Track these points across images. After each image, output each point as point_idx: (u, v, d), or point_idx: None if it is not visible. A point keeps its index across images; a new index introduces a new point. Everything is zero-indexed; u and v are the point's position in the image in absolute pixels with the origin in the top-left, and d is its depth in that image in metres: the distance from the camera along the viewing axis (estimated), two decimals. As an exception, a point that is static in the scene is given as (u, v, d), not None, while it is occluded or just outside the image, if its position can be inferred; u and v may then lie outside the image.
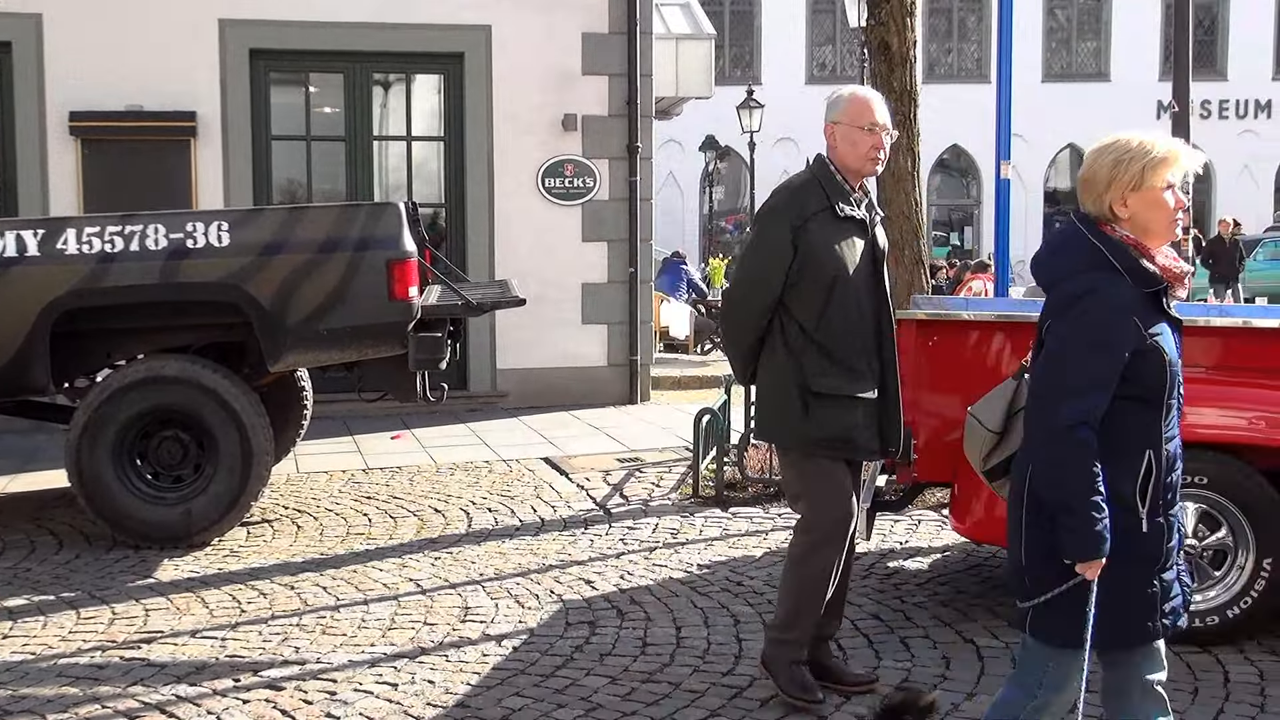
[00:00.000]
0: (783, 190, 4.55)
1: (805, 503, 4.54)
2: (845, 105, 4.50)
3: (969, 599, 5.84)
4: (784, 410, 4.44)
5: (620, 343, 11.96)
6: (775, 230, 4.42)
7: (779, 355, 4.45)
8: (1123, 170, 3.11)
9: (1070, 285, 3.11)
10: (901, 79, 8.70)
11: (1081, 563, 3.03)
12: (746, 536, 7.04)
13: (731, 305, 4.61)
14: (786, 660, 4.56)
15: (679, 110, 17.76)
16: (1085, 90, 35.02)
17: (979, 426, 3.44)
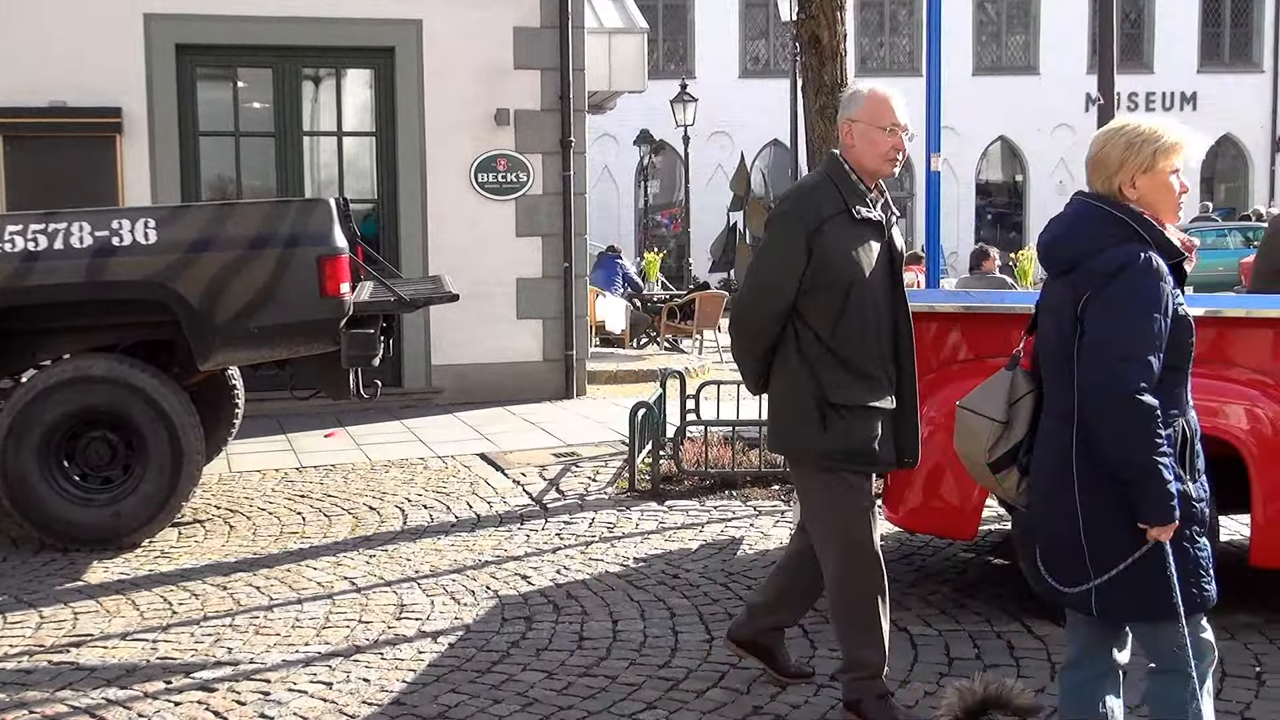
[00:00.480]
0: (795, 192, 4.31)
1: (826, 523, 4.28)
2: (864, 103, 4.23)
3: (903, 588, 5.89)
4: (801, 423, 4.21)
5: (555, 338, 11.95)
6: (789, 234, 4.19)
7: (793, 364, 4.23)
8: (1134, 153, 3.25)
9: (1107, 259, 3.17)
10: (832, 72, 8.76)
11: (1160, 526, 3.09)
12: (682, 530, 7.06)
13: (742, 313, 4.34)
14: (873, 696, 4.29)
15: (612, 104, 17.74)
16: (1015, 83, 35.37)
17: (979, 419, 3.47)
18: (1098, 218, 3.26)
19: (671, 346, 17.69)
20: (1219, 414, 5.17)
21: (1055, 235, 3.35)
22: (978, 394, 3.53)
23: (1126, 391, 3.07)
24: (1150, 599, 3.18)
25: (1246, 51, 37.54)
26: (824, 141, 8.78)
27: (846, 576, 4.29)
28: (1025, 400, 3.45)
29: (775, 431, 4.38)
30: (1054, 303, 3.33)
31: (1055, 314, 3.32)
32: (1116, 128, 3.31)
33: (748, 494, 7.82)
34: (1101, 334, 3.14)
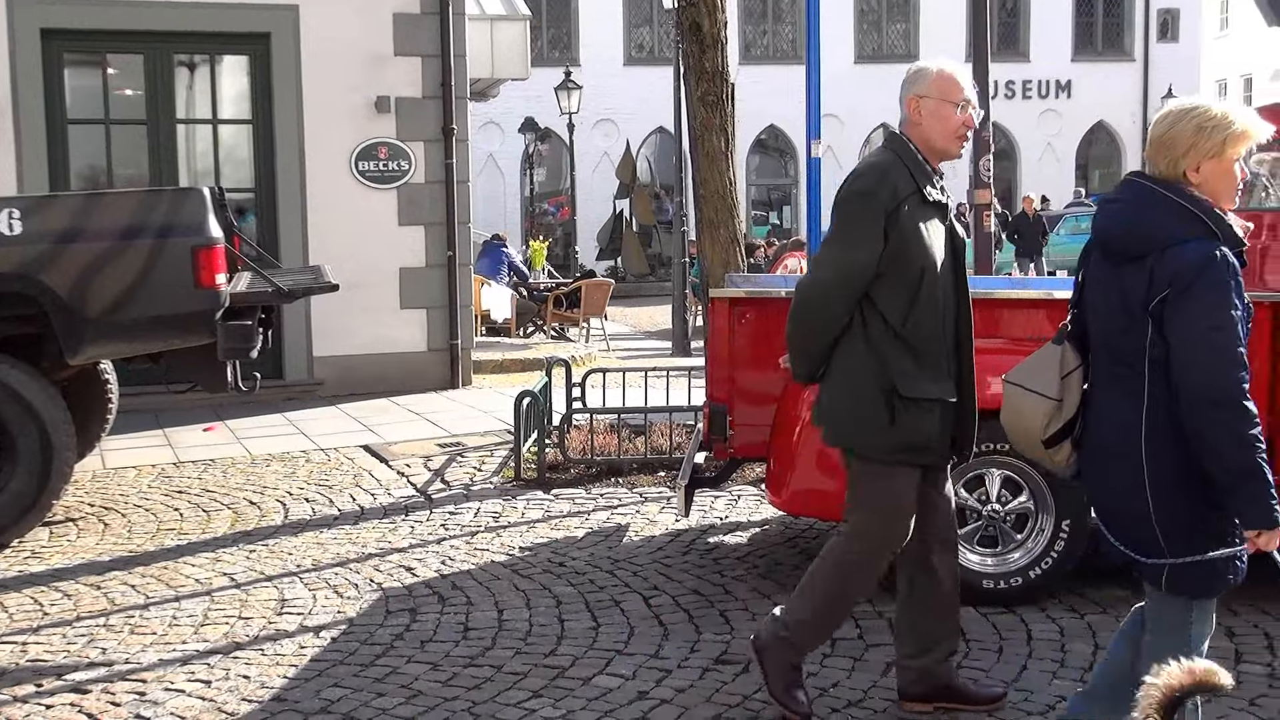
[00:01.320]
0: (871, 171, 4.01)
1: (873, 514, 4.11)
2: (934, 79, 4.05)
3: (787, 570, 5.95)
4: (867, 416, 4.00)
5: (440, 327, 11.84)
6: (867, 216, 3.93)
7: (860, 354, 4.00)
8: (1205, 137, 3.21)
9: (1185, 257, 3.13)
10: (714, 60, 8.81)
11: (1268, 531, 3.08)
12: (569, 517, 7.05)
13: (813, 299, 4.04)
14: (787, 663, 4.22)
15: (495, 92, 17.62)
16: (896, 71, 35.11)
17: (1033, 395, 3.45)
18: (1165, 207, 3.22)
19: (558, 335, 17.65)
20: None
21: (1122, 224, 3.31)
22: (1027, 370, 3.52)
23: (1229, 396, 3.07)
24: (1206, 581, 3.27)
25: (1118, 41, 38.56)
26: (705, 129, 8.83)
27: (857, 570, 4.15)
28: (1075, 374, 3.45)
29: (836, 424, 4.12)
30: (1112, 286, 3.31)
31: (1114, 297, 3.30)
32: (1187, 109, 3.26)
33: (634, 481, 7.83)
34: (1195, 335, 3.11)
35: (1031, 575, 5.34)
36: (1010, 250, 24.70)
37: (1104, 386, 3.37)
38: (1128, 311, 3.25)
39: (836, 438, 4.17)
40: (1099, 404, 3.38)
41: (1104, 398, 3.37)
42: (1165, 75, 37.30)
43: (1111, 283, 3.31)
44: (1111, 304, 3.30)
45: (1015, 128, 37.54)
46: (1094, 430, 3.40)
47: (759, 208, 36.94)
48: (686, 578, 5.87)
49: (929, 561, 4.24)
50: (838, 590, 4.20)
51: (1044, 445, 3.48)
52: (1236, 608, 5.22)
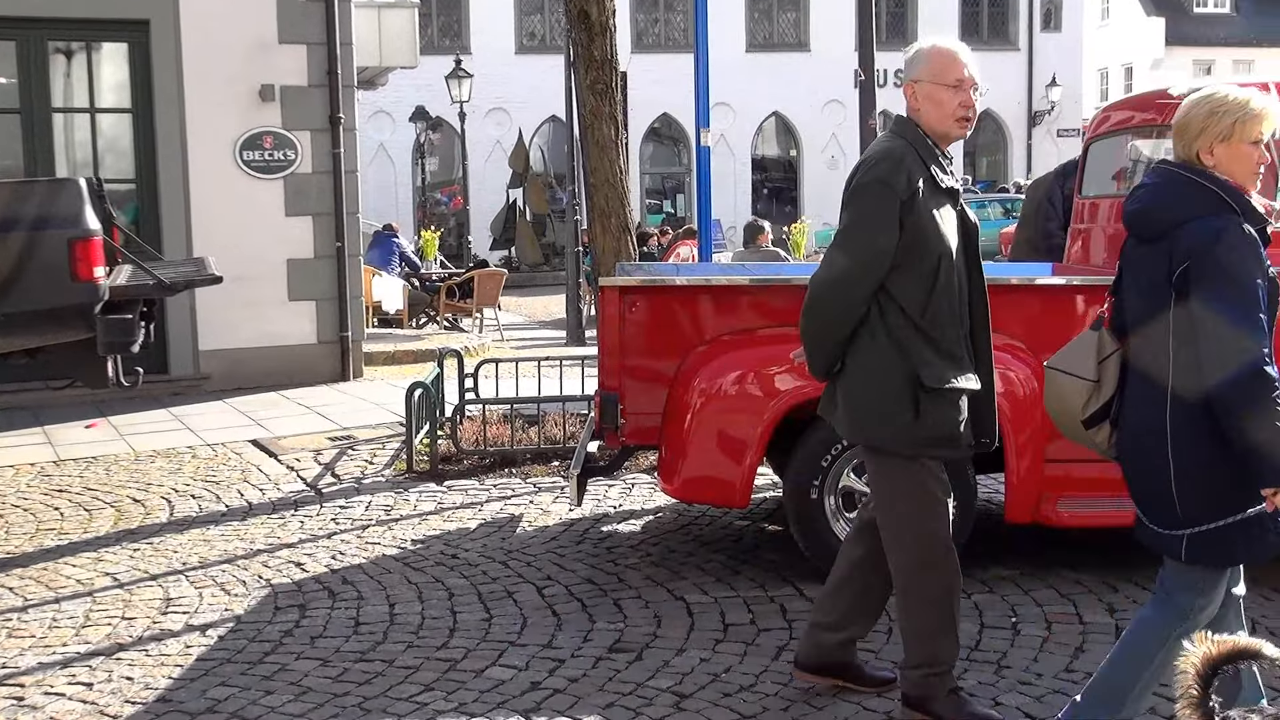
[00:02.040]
0: (881, 158, 3.90)
1: (908, 512, 3.99)
2: (926, 60, 3.98)
3: (680, 558, 5.97)
4: (891, 409, 3.89)
5: (330, 319, 11.67)
6: (882, 205, 3.83)
7: (880, 347, 3.89)
8: (1215, 121, 3.32)
9: (1200, 229, 3.25)
10: (602, 48, 8.79)
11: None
12: (462, 509, 7.00)
13: (829, 292, 3.93)
14: (945, 692, 4.04)
15: (384, 80, 17.43)
16: (787, 60, 36.21)
17: (1071, 379, 3.55)
18: (1184, 186, 3.34)
19: (451, 326, 17.51)
20: (975, 377, 5.38)
21: (1144, 204, 3.42)
22: (1066, 355, 3.63)
23: (1249, 364, 3.16)
24: (1228, 550, 3.36)
25: (1004, 30, 39.24)
26: (595, 117, 8.81)
27: (923, 567, 4.01)
28: (1113, 358, 3.55)
29: (858, 419, 3.98)
30: (1141, 268, 3.42)
31: (1144, 279, 3.42)
32: (1204, 95, 3.37)
33: (528, 471, 7.80)
34: (1213, 306, 3.21)
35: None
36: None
37: (1137, 365, 3.48)
38: (1153, 289, 3.37)
39: (858, 433, 4.04)
40: (1131, 386, 3.50)
41: (1134, 380, 3.48)
42: (1049, 64, 38.08)
43: (1143, 264, 3.43)
44: (1144, 285, 3.43)
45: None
46: (1127, 410, 3.51)
47: (653, 196, 37.03)
48: (580, 567, 5.86)
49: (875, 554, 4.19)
50: (922, 593, 4.03)
51: (1084, 426, 3.58)
52: (1116, 584, 5.36)
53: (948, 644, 4.05)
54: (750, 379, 5.45)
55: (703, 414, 5.42)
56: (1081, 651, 4.69)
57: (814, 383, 5.36)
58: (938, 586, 4.03)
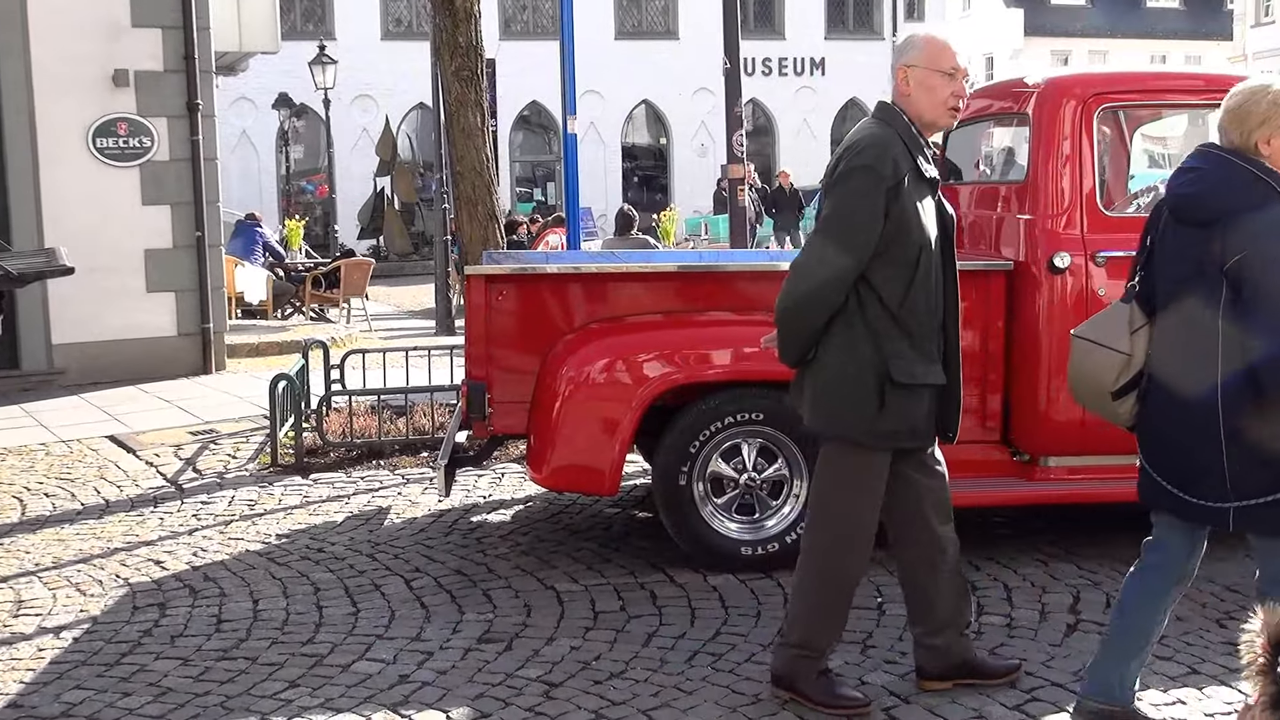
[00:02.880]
0: (873, 145, 3.84)
1: (844, 493, 3.99)
2: (922, 47, 3.93)
3: (550, 546, 5.95)
4: (858, 401, 3.86)
5: (190, 310, 11.38)
6: (870, 191, 3.77)
7: (856, 337, 3.86)
8: (1278, 113, 3.44)
9: (1258, 218, 3.36)
10: (467, 34, 8.70)
11: None
12: (328, 502, 6.88)
13: (811, 279, 3.84)
14: (812, 673, 4.07)
15: (245, 66, 17.07)
16: (656, 48, 36.31)
17: (1104, 350, 3.65)
18: (1237, 174, 3.44)
19: (318, 316, 17.22)
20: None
21: (1195, 189, 3.51)
22: (1096, 326, 3.72)
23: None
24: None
25: (869, 20, 39.84)
26: (460, 105, 8.73)
27: (841, 553, 4.02)
28: (1143, 331, 3.65)
29: (824, 411, 3.95)
30: (1185, 250, 3.51)
31: (1188, 261, 3.51)
32: (1264, 86, 3.49)
33: (396, 463, 7.70)
34: (1268, 290, 3.33)
35: (788, 540, 5.46)
36: (770, 225, 25.30)
37: (1175, 343, 3.57)
38: (1203, 273, 3.45)
39: (822, 425, 4.00)
40: (1169, 360, 3.58)
41: (1176, 354, 3.56)
42: (911, 55, 38.74)
43: (1188, 246, 3.51)
44: (1188, 266, 3.50)
45: (773, 104, 38.44)
46: (1163, 385, 3.58)
47: (523, 184, 36.86)
48: (449, 558, 5.81)
49: (935, 537, 4.15)
50: (826, 581, 4.05)
51: (1111, 397, 3.67)
52: (978, 563, 5.47)
53: (832, 631, 4.09)
54: (618, 366, 5.45)
55: (571, 402, 5.40)
56: (944, 629, 4.77)
57: (684, 369, 5.44)
58: (845, 575, 4.06)
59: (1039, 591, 5.15)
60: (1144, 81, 6.51)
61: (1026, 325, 5.58)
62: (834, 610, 4.08)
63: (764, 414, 5.43)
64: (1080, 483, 5.60)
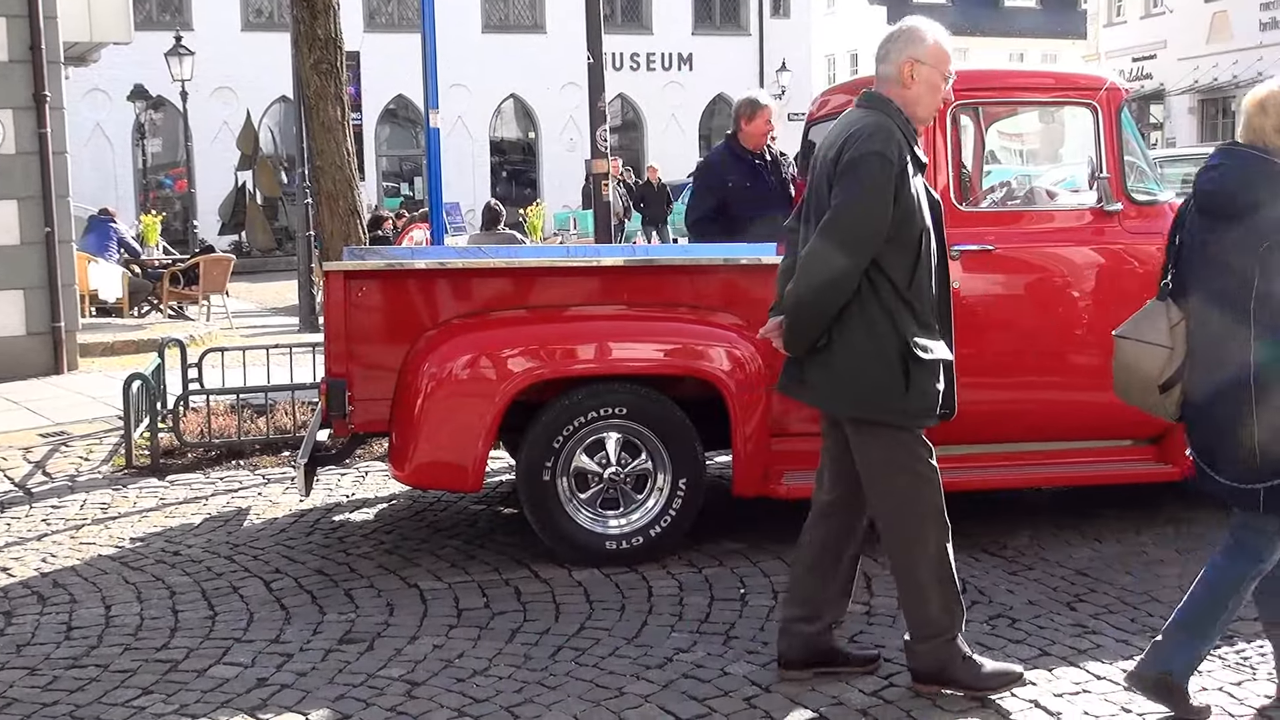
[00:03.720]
0: (880, 132, 3.88)
1: (901, 484, 4.01)
2: (931, 46, 4.00)
3: (414, 544, 5.89)
4: (886, 382, 3.90)
5: (40, 309, 10.99)
6: (882, 177, 3.83)
7: (871, 320, 3.90)
8: None
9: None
10: (325, 26, 8.57)
11: None
12: (185, 504, 6.73)
13: (826, 269, 3.86)
14: (957, 659, 4.03)
15: (96, 57, 16.55)
16: (523, 41, 36.19)
17: (1149, 347, 3.84)
18: (1257, 172, 3.68)
19: (176, 314, 16.81)
20: (703, 357, 5.50)
21: (1224, 185, 3.73)
22: (1136, 326, 3.90)
23: None
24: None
25: (735, 16, 40.19)
26: (320, 98, 8.59)
27: (921, 537, 4.01)
28: (1181, 325, 3.83)
29: (850, 394, 3.97)
30: (1217, 243, 3.72)
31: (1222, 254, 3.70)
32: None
33: (256, 462, 7.56)
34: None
35: (652, 534, 5.49)
36: (639, 219, 25.37)
37: (1211, 333, 3.75)
38: (1238, 263, 3.66)
39: (849, 407, 4.02)
40: (1205, 348, 3.77)
41: (1212, 343, 3.75)
42: (779, 49, 39.18)
43: (1221, 239, 3.71)
44: (1223, 258, 3.70)
45: (641, 99, 38.57)
46: (1201, 373, 3.77)
47: (390, 179, 36.45)
48: (310, 558, 5.72)
49: (856, 524, 4.22)
50: (925, 564, 4.02)
51: (1159, 391, 3.84)
52: (838, 552, 5.55)
53: (956, 609, 4.06)
54: (482, 362, 5.42)
55: (433, 398, 5.36)
56: (805, 618, 4.83)
57: (547, 364, 5.42)
58: (937, 547, 4.04)
59: (897, 579, 5.25)
60: (998, 79, 6.69)
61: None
62: (946, 585, 4.04)
63: (627, 408, 5.44)
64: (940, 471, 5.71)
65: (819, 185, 4.03)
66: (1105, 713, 3.96)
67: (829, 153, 4.00)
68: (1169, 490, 6.06)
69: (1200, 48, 36.86)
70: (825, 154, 4.03)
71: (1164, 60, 38.64)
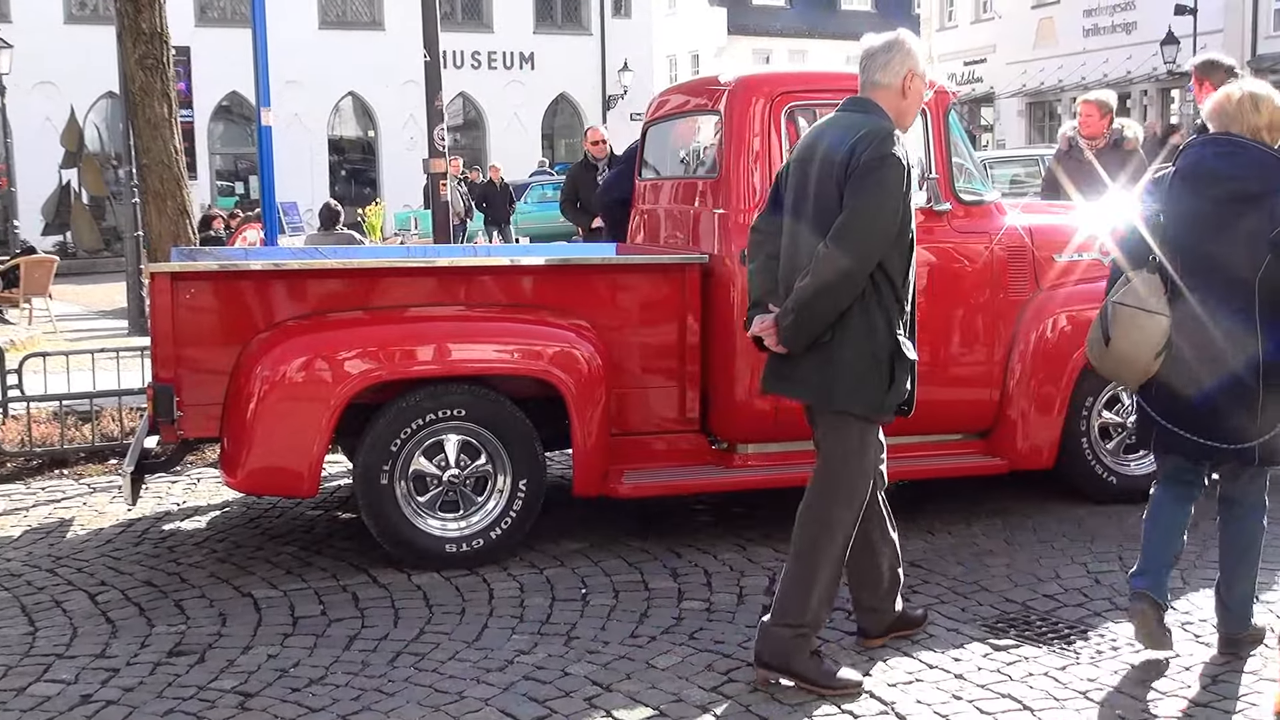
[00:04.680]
0: (891, 137, 3.99)
1: (853, 464, 4.14)
2: (918, 60, 4.19)
3: (248, 552, 5.74)
4: (874, 379, 4.04)
5: None
6: (899, 179, 3.96)
7: (872, 318, 4.01)
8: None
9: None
10: (151, 20, 8.32)
11: None
12: (4, 516, 6.45)
13: (839, 269, 3.92)
14: (807, 653, 4.13)
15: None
16: (360, 38, 35.65)
17: (1149, 315, 4.13)
18: (1269, 160, 4.05)
19: (-5, 317, 16.15)
20: (542, 357, 5.47)
21: (1236, 172, 4.06)
22: (1137, 295, 4.17)
23: None
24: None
25: (576, 15, 40.20)
26: (145, 94, 8.34)
27: (840, 531, 4.14)
28: (1166, 297, 4.16)
29: (844, 387, 4.05)
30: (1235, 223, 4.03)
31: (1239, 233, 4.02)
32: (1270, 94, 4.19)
33: (81, 471, 7.30)
34: None
35: (493, 536, 5.45)
36: (481, 219, 25.20)
37: (1216, 301, 4.07)
38: (1247, 241, 4.00)
39: (834, 400, 4.10)
40: (1207, 316, 4.07)
41: (1214, 309, 4.07)
42: (621, 49, 39.31)
43: (1232, 220, 4.05)
44: (1233, 237, 4.04)
45: (483, 98, 38.34)
46: (1205, 339, 4.08)
47: (225, 178, 35.58)
48: (138, 569, 5.53)
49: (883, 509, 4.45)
50: (833, 549, 4.14)
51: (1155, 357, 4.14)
52: (679, 550, 5.59)
53: (827, 609, 4.21)
54: (316, 364, 5.31)
55: (266, 402, 5.24)
56: (646, 616, 4.85)
57: (384, 366, 5.33)
58: (842, 552, 4.18)
59: (738, 575, 5.30)
60: (830, 81, 6.77)
61: (721, 317, 5.74)
62: (834, 583, 4.18)
63: (466, 410, 5.39)
64: (775, 468, 5.80)
65: (821, 187, 4.06)
66: (937, 700, 4.06)
67: (833, 155, 4.04)
68: (996, 482, 6.25)
69: (1028, 52, 38.19)
70: (827, 156, 4.06)
71: (994, 64, 39.94)
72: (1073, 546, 5.58)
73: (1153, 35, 31.62)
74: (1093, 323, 4.39)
